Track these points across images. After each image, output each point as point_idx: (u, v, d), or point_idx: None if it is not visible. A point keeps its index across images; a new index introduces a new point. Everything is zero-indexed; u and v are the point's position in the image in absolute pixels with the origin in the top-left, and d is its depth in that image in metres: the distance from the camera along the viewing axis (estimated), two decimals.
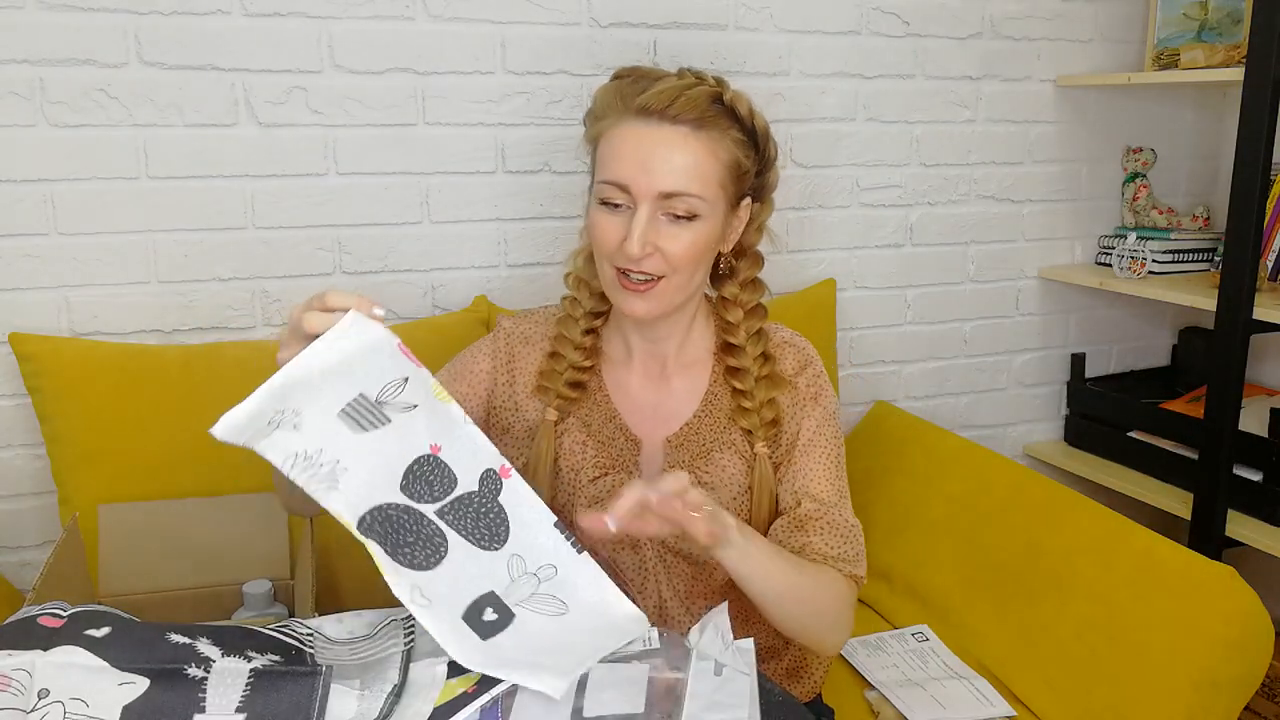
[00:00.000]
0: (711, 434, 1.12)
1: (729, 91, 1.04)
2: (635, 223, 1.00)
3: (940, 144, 1.88)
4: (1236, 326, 1.62)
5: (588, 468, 1.11)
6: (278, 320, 1.53)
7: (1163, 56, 1.89)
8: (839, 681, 1.39)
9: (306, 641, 0.83)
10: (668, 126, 1.00)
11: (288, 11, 1.45)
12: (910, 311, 1.94)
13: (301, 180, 1.50)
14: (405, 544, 0.81)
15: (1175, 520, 1.78)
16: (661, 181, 1.00)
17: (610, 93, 1.05)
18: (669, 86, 1.01)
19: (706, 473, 1.11)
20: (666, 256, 1.02)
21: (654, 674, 0.77)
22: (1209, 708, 1.20)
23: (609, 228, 1.03)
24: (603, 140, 1.04)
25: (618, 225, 1.02)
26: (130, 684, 0.73)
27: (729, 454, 1.11)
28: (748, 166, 1.06)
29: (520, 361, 1.15)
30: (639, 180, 1.00)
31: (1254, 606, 1.21)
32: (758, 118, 1.06)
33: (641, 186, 1.00)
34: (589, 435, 1.12)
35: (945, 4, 1.82)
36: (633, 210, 1.01)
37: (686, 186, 1.00)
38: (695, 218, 1.02)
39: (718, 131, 1.02)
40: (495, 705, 0.74)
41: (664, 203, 1.01)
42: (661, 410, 1.13)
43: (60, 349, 1.35)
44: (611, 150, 1.02)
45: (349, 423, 0.80)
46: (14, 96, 1.36)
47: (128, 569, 1.27)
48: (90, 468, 1.32)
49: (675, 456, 1.11)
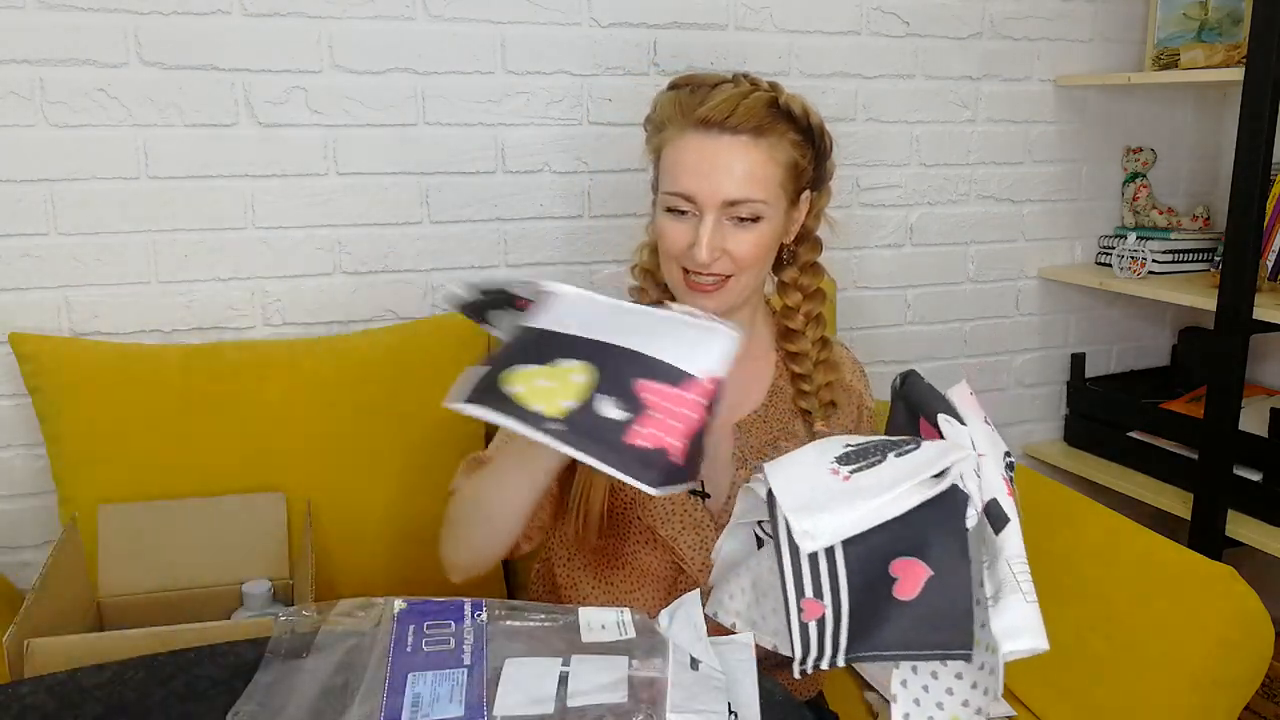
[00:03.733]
0: (779, 423, 1.18)
1: (783, 95, 1.09)
2: (703, 230, 1.06)
3: (940, 144, 1.88)
4: (1236, 326, 1.62)
5: None
6: (277, 320, 1.53)
7: (1163, 56, 1.89)
8: (839, 682, 1.39)
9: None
10: (728, 136, 1.05)
11: (288, 11, 1.45)
12: (910, 311, 1.94)
13: (301, 180, 1.50)
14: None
15: (1175, 520, 1.78)
16: (725, 190, 1.05)
17: (670, 104, 1.10)
18: (727, 97, 1.05)
19: (772, 458, 1.13)
20: (734, 258, 1.08)
21: (634, 667, 0.77)
22: (1209, 708, 1.20)
23: (676, 234, 1.08)
24: (665, 151, 1.10)
25: (685, 231, 1.08)
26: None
27: (793, 444, 1.13)
28: (805, 164, 1.12)
29: None
30: (703, 191, 1.05)
31: (1254, 606, 1.21)
32: (812, 115, 1.11)
33: (706, 196, 1.05)
34: None
35: (945, 4, 1.82)
36: (699, 217, 1.07)
37: (749, 193, 1.06)
38: (759, 220, 1.08)
39: (775, 135, 1.07)
40: (482, 703, 0.74)
41: (728, 209, 1.06)
42: (729, 399, 1.16)
43: (60, 349, 1.35)
44: (675, 162, 1.07)
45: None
46: (14, 96, 1.36)
47: (128, 569, 1.27)
48: (90, 468, 1.32)
49: (744, 440, 1.16)
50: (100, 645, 0.99)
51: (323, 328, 1.55)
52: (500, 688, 0.75)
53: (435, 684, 0.76)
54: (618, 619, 0.83)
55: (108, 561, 1.27)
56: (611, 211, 1.66)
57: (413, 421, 1.43)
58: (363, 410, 1.41)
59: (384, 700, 0.75)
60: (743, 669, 0.81)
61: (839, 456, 0.76)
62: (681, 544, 1.14)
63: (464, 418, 1.57)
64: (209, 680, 0.83)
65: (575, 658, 0.78)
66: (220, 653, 0.87)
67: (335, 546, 1.37)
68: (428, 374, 1.45)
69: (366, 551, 1.39)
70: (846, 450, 0.77)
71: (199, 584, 1.29)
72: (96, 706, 0.79)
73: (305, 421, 1.38)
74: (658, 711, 0.73)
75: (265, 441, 1.36)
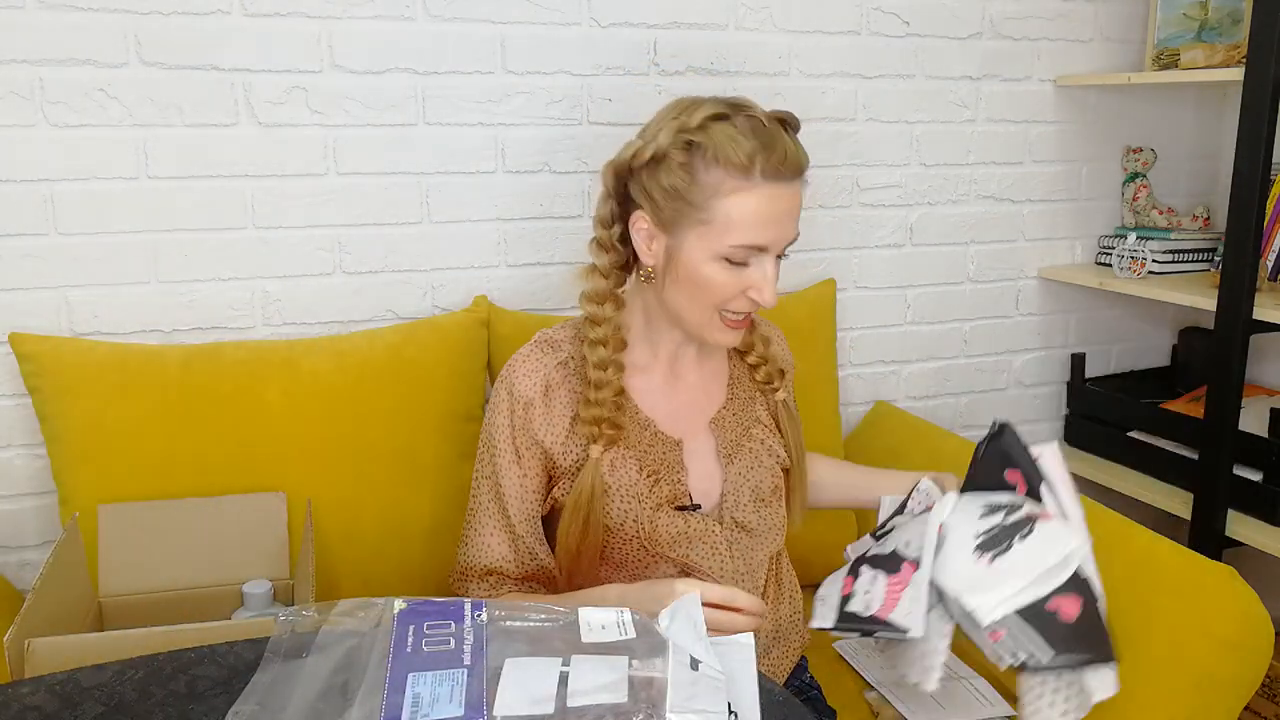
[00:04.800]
0: (745, 411, 1.23)
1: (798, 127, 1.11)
2: (767, 276, 1.08)
3: (940, 144, 1.88)
4: (1236, 326, 1.62)
5: (639, 480, 1.14)
6: (277, 320, 1.53)
7: (1163, 56, 1.89)
8: (839, 682, 1.39)
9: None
10: (795, 184, 1.08)
11: (288, 11, 1.45)
12: (910, 311, 1.94)
13: (301, 180, 1.50)
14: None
15: (1175, 520, 1.78)
16: (790, 234, 1.09)
17: (737, 149, 1.03)
18: (792, 147, 1.06)
19: (751, 448, 1.21)
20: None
21: (634, 667, 0.77)
22: (1209, 708, 1.20)
23: (730, 281, 1.08)
24: (735, 199, 1.04)
25: (741, 277, 1.08)
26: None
27: (760, 429, 1.23)
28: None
29: (539, 418, 1.14)
30: (777, 240, 1.07)
31: (1254, 606, 1.21)
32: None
33: (776, 244, 1.08)
34: (626, 448, 1.15)
35: (945, 4, 1.82)
36: (747, 265, 1.08)
37: (798, 229, 1.11)
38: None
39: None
40: (482, 703, 0.74)
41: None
42: (694, 404, 1.21)
43: (60, 349, 1.35)
44: (748, 213, 1.05)
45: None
46: (14, 96, 1.36)
47: (128, 569, 1.27)
48: (90, 468, 1.32)
49: (721, 435, 1.20)
50: (100, 645, 0.99)
51: (323, 328, 1.55)
52: (500, 688, 0.75)
53: (435, 684, 0.76)
54: (618, 619, 0.83)
55: (108, 561, 1.27)
56: None
57: (413, 421, 1.43)
58: (362, 410, 1.41)
59: (384, 700, 0.75)
60: (743, 669, 0.81)
61: (978, 545, 0.98)
62: (694, 558, 1.15)
63: (463, 418, 1.57)
64: (209, 680, 0.83)
65: (575, 658, 0.78)
66: (220, 653, 0.87)
67: (335, 546, 1.37)
68: (428, 374, 1.45)
69: (367, 551, 1.39)
70: (979, 540, 0.98)
71: (199, 584, 1.29)
72: (96, 706, 0.80)
73: (305, 421, 1.38)
74: (658, 711, 0.73)
75: (265, 441, 1.36)
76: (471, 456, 1.46)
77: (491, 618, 0.84)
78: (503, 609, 0.84)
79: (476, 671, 0.77)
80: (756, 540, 1.20)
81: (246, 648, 0.87)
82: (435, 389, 1.46)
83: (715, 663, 0.79)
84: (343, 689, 0.77)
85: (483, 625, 0.82)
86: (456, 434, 1.46)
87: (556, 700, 0.74)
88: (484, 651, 0.79)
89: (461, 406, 1.48)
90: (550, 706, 0.74)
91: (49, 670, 0.86)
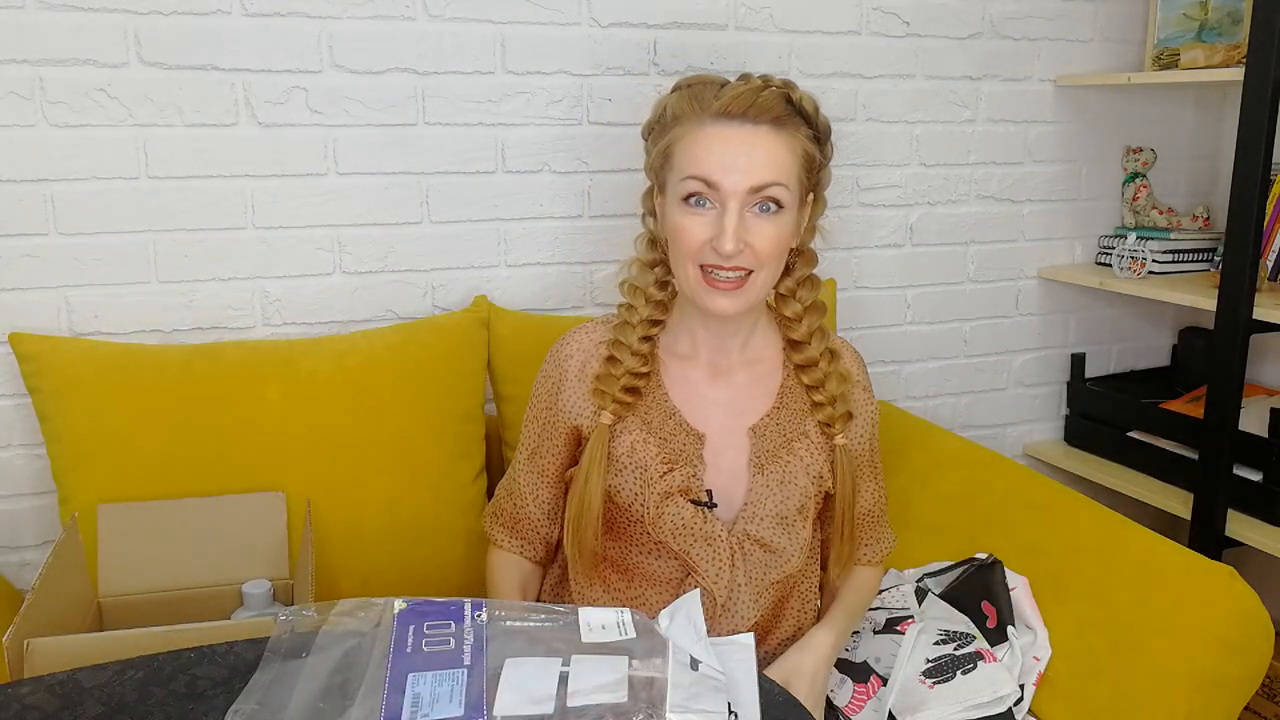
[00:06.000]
0: (791, 425, 1.18)
1: (797, 92, 1.10)
2: (727, 220, 1.05)
3: (940, 144, 1.88)
4: (1236, 326, 1.62)
5: (654, 464, 1.14)
6: (277, 320, 1.53)
7: (1163, 56, 1.89)
8: None
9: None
10: (749, 126, 1.06)
11: (288, 11, 1.45)
12: (910, 311, 1.94)
13: (301, 180, 1.50)
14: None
15: (1175, 520, 1.78)
16: (750, 177, 1.05)
17: (684, 100, 1.10)
18: (746, 89, 1.06)
19: (788, 462, 1.17)
20: (756, 252, 1.07)
21: (634, 667, 0.77)
22: (1209, 708, 1.20)
23: (695, 228, 1.07)
24: (681, 144, 1.08)
25: (704, 225, 1.07)
26: None
27: (806, 444, 1.18)
28: (817, 162, 1.12)
29: (571, 388, 1.18)
30: (728, 178, 1.05)
31: (1254, 606, 1.21)
32: (821, 116, 1.12)
33: (729, 184, 1.05)
34: (649, 433, 1.15)
35: (945, 4, 1.82)
36: (719, 210, 1.06)
37: (775, 176, 1.06)
38: (781, 209, 1.07)
39: (791, 128, 1.08)
40: (482, 703, 0.74)
41: (751, 197, 1.06)
42: (734, 404, 1.18)
43: (60, 349, 1.35)
44: (695, 151, 1.06)
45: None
46: (14, 96, 1.36)
47: (128, 569, 1.27)
48: (90, 468, 1.32)
49: (758, 445, 1.17)
50: (100, 645, 0.99)
51: (323, 328, 1.55)
52: (500, 688, 0.75)
53: (435, 684, 0.76)
54: (618, 619, 0.83)
55: (108, 561, 1.27)
56: (611, 211, 1.66)
57: (412, 421, 1.43)
58: (362, 410, 1.41)
59: (384, 700, 0.75)
60: (743, 669, 0.81)
61: (924, 671, 1.18)
62: (694, 555, 1.14)
63: (463, 418, 1.57)
64: (209, 680, 0.83)
65: (575, 658, 0.78)
66: (220, 653, 0.87)
67: (335, 546, 1.37)
68: (427, 374, 1.45)
69: (366, 551, 1.39)
70: (928, 666, 1.19)
71: (199, 584, 1.29)
72: (96, 706, 0.80)
73: (305, 421, 1.38)
74: (658, 712, 0.73)
75: (265, 441, 1.36)
76: (471, 456, 1.48)
77: (491, 618, 0.84)
78: (503, 608, 0.85)
79: (476, 671, 0.77)
80: (771, 558, 1.16)
81: (246, 648, 0.87)
82: (435, 389, 1.46)
83: (715, 663, 0.79)
84: (343, 689, 0.77)
85: (483, 625, 0.82)
86: (456, 434, 1.46)
87: (556, 700, 0.74)
88: (484, 651, 0.79)
89: (461, 406, 1.47)
90: (550, 706, 0.74)
91: (48, 670, 0.86)
